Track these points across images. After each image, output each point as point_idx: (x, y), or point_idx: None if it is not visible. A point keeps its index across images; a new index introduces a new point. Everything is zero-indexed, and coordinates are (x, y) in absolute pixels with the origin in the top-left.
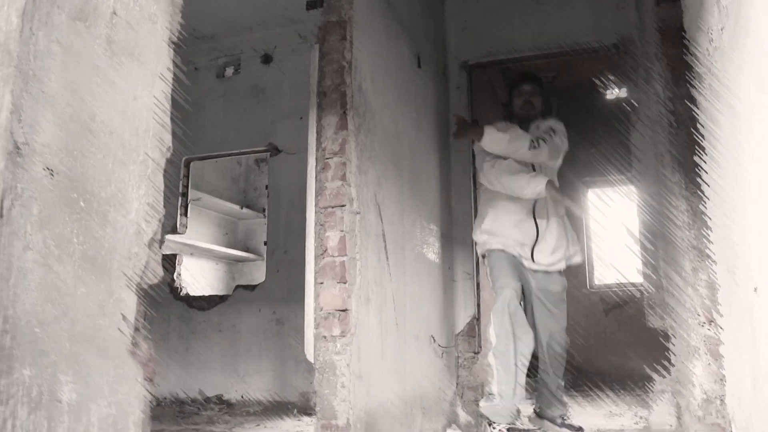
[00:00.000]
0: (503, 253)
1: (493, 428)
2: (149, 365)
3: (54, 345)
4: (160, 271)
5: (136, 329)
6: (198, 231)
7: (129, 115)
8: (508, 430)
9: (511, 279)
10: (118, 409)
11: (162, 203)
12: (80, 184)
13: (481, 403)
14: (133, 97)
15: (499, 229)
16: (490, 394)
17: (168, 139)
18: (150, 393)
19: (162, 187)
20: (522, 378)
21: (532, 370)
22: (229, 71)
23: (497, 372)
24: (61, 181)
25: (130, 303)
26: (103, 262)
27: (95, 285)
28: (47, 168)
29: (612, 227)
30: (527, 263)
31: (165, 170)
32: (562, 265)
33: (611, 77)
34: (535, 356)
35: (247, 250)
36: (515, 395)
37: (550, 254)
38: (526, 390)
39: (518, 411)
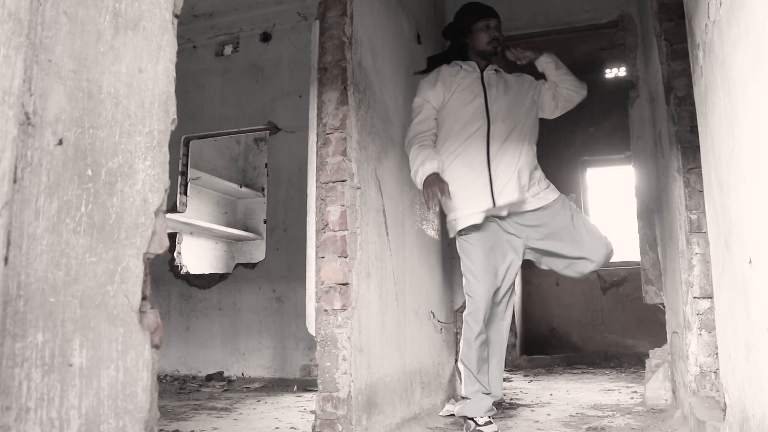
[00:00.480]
0: (470, 238)
1: (476, 421)
2: (157, 333)
3: (65, 310)
4: (166, 241)
5: (144, 297)
6: (197, 210)
7: (135, 87)
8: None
9: (484, 285)
10: (127, 374)
11: (167, 174)
12: (88, 154)
13: (456, 409)
14: (139, 69)
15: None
16: (463, 397)
17: (173, 111)
18: (157, 360)
19: (167, 158)
20: (484, 377)
21: None
22: (228, 49)
23: (466, 377)
24: (69, 150)
25: (137, 271)
26: (111, 230)
27: (104, 253)
28: (56, 137)
29: (610, 206)
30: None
31: (169, 143)
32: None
33: (611, 55)
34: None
35: (246, 229)
36: (488, 394)
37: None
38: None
39: (494, 407)
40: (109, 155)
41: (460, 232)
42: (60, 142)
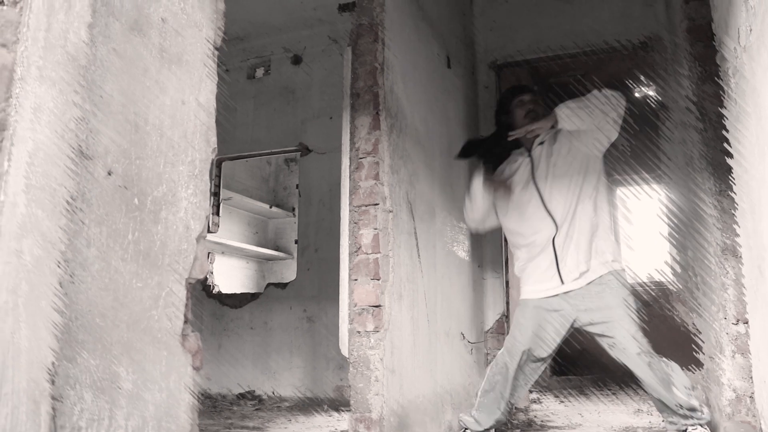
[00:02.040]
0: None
1: None
2: (198, 355)
3: (113, 334)
4: (207, 266)
5: (186, 321)
6: (229, 230)
7: (178, 119)
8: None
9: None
10: (170, 396)
11: (208, 201)
12: (135, 184)
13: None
14: (182, 102)
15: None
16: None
17: (213, 140)
18: (198, 382)
19: (208, 186)
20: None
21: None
22: (260, 72)
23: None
24: (117, 180)
25: (180, 296)
26: (155, 257)
27: (149, 278)
28: (106, 169)
29: (640, 226)
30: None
31: (210, 170)
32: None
33: (640, 76)
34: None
35: (277, 249)
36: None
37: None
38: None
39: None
40: (154, 184)
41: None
42: (109, 173)
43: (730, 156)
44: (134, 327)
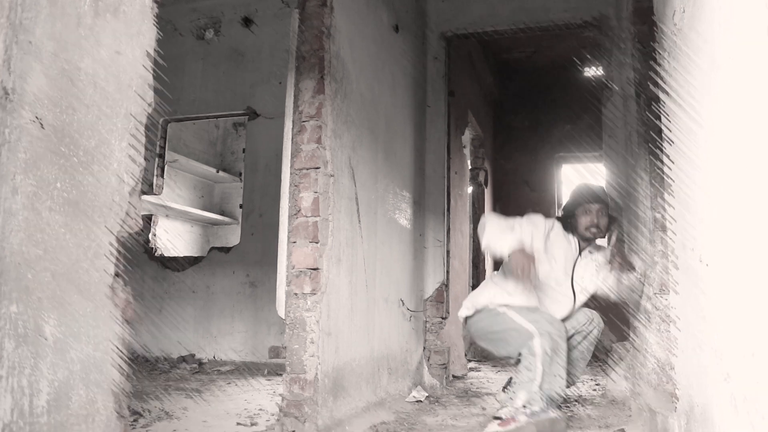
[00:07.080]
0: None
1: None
2: (127, 308)
3: (38, 284)
4: (140, 221)
5: (116, 274)
6: (174, 193)
7: (113, 70)
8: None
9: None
10: (97, 348)
11: (143, 156)
12: (65, 134)
13: None
14: (117, 53)
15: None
16: None
17: (150, 95)
18: (127, 335)
19: (143, 141)
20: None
21: None
22: (209, 34)
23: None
24: (47, 129)
25: (110, 249)
26: (85, 208)
27: (78, 230)
28: (34, 116)
29: None
30: None
31: (146, 126)
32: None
33: (588, 55)
34: None
35: (222, 213)
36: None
37: None
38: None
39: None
40: (86, 135)
41: None
42: (38, 121)
43: (664, 136)
44: (62, 278)
